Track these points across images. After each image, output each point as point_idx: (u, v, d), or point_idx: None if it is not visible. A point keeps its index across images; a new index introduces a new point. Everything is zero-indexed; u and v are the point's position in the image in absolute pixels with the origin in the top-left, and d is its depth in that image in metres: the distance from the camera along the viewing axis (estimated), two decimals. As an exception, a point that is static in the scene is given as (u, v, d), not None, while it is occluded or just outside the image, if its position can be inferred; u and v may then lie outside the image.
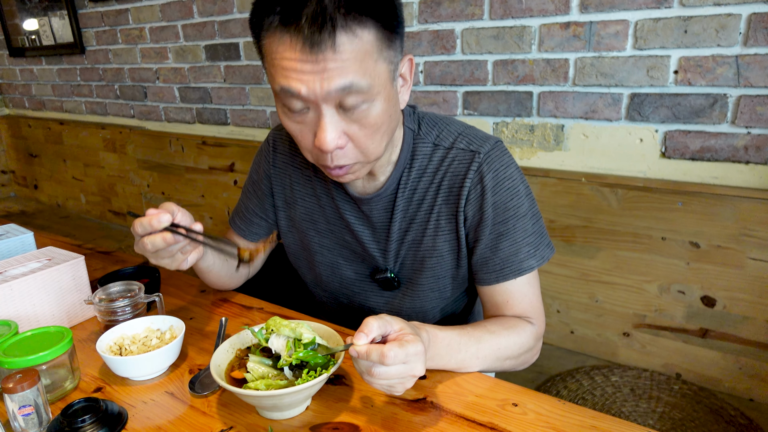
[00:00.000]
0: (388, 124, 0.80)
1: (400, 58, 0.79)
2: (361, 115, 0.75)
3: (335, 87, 0.70)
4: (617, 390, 1.70)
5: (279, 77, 0.73)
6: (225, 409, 0.78)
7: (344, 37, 0.68)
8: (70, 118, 3.74)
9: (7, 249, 1.24)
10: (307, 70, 0.70)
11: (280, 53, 0.71)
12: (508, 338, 0.86)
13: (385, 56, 0.73)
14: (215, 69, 2.74)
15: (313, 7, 0.67)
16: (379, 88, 0.74)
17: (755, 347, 1.61)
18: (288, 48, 0.70)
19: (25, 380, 0.71)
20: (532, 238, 0.90)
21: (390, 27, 0.73)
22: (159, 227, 0.79)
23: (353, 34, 0.69)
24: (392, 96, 0.78)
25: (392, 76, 0.77)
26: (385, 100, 0.76)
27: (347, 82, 0.70)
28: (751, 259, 1.55)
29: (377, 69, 0.73)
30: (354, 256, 1.02)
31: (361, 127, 0.76)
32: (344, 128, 0.76)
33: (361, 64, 0.70)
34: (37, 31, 3.57)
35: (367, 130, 0.77)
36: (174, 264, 0.86)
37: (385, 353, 0.64)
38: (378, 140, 0.79)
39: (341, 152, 0.78)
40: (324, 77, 0.70)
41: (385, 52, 0.73)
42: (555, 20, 1.72)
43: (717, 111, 1.55)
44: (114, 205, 3.64)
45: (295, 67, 0.70)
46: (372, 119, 0.76)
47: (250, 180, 1.13)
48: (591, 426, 0.71)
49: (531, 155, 1.91)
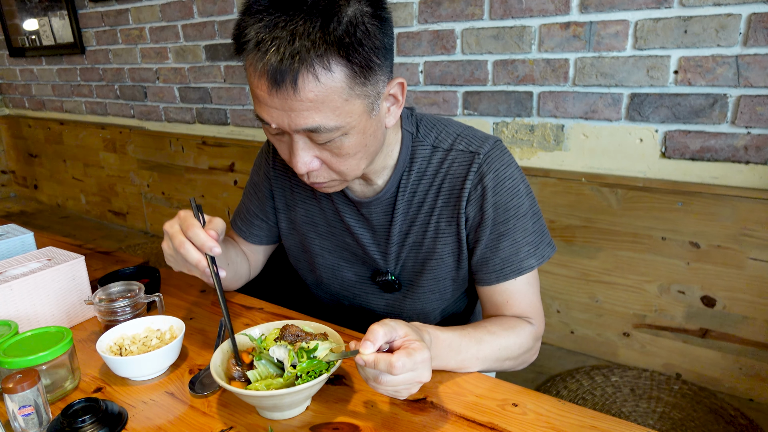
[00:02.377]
0: (365, 151, 0.79)
1: (385, 85, 0.76)
2: (333, 145, 0.75)
3: (302, 127, 0.71)
4: (617, 390, 1.70)
5: (255, 104, 0.74)
6: (225, 409, 0.78)
7: (306, 79, 0.67)
8: (70, 118, 3.74)
9: (7, 249, 1.24)
10: (276, 105, 0.70)
11: (253, 80, 0.71)
12: (508, 339, 0.86)
13: (358, 93, 0.71)
14: (215, 69, 2.74)
15: (280, 40, 0.66)
16: (352, 124, 0.73)
17: (755, 347, 1.61)
18: (258, 78, 0.70)
19: (25, 380, 0.71)
20: (533, 237, 0.90)
21: (365, 64, 0.69)
22: (207, 252, 0.78)
23: (316, 78, 0.67)
24: (369, 126, 0.76)
25: (370, 108, 0.75)
26: (359, 133, 0.75)
27: (314, 125, 0.70)
28: (751, 259, 1.55)
29: (348, 107, 0.71)
30: (355, 259, 1.02)
31: (333, 154, 0.77)
32: (317, 153, 0.77)
33: (328, 106, 0.69)
34: (37, 31, 3.57)
35: (340, 158, 0.77)
36: (174, 265, 0.86)
37: (394, 363, 0.64)
38: (353, 164, 0.79)
39: (316, 172, 0.80)
40: (291, 116, 0.70)
41: (358, 89, 0.71)
42: (555, 20, 1.72)
43: (717, 111, 1.55)
44: (114, 205, 3.64)
45: (265, 101, 0.71)
46: (345, 149, 0.76)
47: (251, 182, 1.13)
48: (591, 426, 0.71)
49: (531, 155, 1.91)
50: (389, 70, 0.77)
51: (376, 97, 0.75)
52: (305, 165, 0.76)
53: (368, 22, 0.69)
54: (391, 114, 0.82)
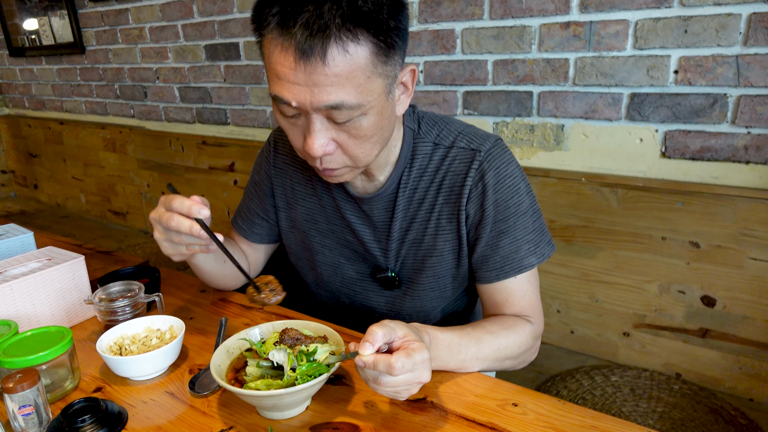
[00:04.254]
0: (380, 135, 0.79)
1: (400, 69, 0.77)
2: (351, 126, 0.75)
3: (324, 104, 0.70)
4: (617, 390, 1.70)
5: (273, 84, 0.73)
6: (225, 409, 0.78)
7: (335, 52, 0.67)
8: (70, 118, 3.74)
9: (7, 249, 1.24)
10: (299, 81, 0.69)
11: (275, 57, 0.71)
12: (508, 338, 0.86)
13: (380, 72, 0.72)
14: (215, 69, 2.74)
15: (309, 14, 0.66)
16: (372, 103, 0.73)
17: (755, 347, 1.61)
18: (281, 54, 0.69)
19: (25, 380, 0.71)
20: (533, 235, 0.91)
21: (388, 42, 0.70)
22: (195, 215, 0.78)
23: (345, 50, 0.67)
24: (386, 109, 0.77)
25: (388, 90, 0.76)
26: (377, 113, 0.75)
27: (337, 100, 0.70)
28: (751, 259, 1.55)
29: (370, 85, 0.72)
30: (355, 256, 1.02)
31: (350, 136, 0.76)
32: (333, 135, 0.76)
33: (353, 82, 0.70)
34: (37, 30, 3.57)
35: (357, 140, 0.77)
36: (170, 250, 0.85)
37: (393, 364, 0.64)
38: (368, 149, 0.79)
39: (329, 157, 0.79)
40: (314, 92, 0.69)
41: (380, 67, 0.72)
42: (555, 20, 1.72)
43: (717, 111, 1.55)
44: (114, 205, 3.64)
45: (288, 77, 0.70)
46: (363, 131, 0.76)
47: (251, 180, 1.14)
48: (591, 426, 0.71)
49: (531, 155, 1.91)
50: (404, 55, 0.77)
51: (393, 79, 0.76)
52: (321, 147, 0.75)
53: (390, 3, 0.70)
54: (401, 102, 0.82)
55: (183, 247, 0.84)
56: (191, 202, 0.79)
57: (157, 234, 0.84)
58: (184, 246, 0.84)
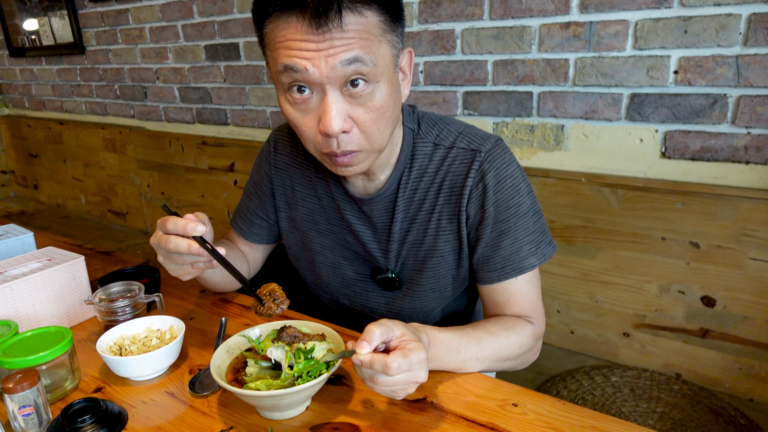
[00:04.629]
0: (393, 110, 0.80)
1: (401, 48, 0.80)
2: (366, 98, 0.75)
3: (340, 60, 0.71)
4: (617, 390, 1.70)
5: (282, 57, 0.73)
6: (225, 409, 0.78)
7: (350, 16, 0.70)
8: (70, 118, 3.74)
9: (7, 249, 1.24)
10: (312, 48, 0.70)
11: (284, 35, 0.71)
12: (508, 339, 0.86)
13: (388, 39, 0.75)
14: (215, 69, 2.74)
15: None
16: (382, 70, 0.75)
17: (755, 347, 1.61)
18: (293, 30, 0.71)
19: (25, 380, 0.71)
20: (534, 236, 0.91)
21: (393, 13, 0.75)
22: (191, 234, 0.78)
23: (359, 13, 0.70)
24: (395, 82, 0.79)
25: (395, 62, 0.78)
26: (388, 84, 0.77)
27: (353, 55, 0.71)
28: (751, 259, 1.55)
29: (381, 50, 0.74)
30: (355, 257, 1.02)
31: (366, 110, 0.76)
32: (349, 111, 0.76)
33: (366, 42, 0.72)
34: (37, 31, 3.57)
35: (372, 114, 0.77)
36: (178, 272, 0.85)
37: (389, 364, 0.64)
38: (383, 126, 0.79)
39: (346, 137, 0.77)
40: (329, 53, 0.70)
41: (388, 35, 0.75)
42: (555, 20, 1.72)
43: (717, 111, 1.55)
44: (114, 205, 3.64)
45: (300, 46, 0.71)
46: (377, 102, 0.76)
47: (251, 181, 1.13)
48: (591, 426, 0.71)
49: (531, 155, 1.91)
50: (403, 35, 0.80)
51: (399, 52, 0.79)
52: (338, 123, 0.74)
53: None
54: (402, 87, 0.84)
55: (188, 266, 0.84)
56: (185, 221, 0.78)
57: (160, 258, 0.84)
58: (188, 265, 0.83)
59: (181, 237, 0.79)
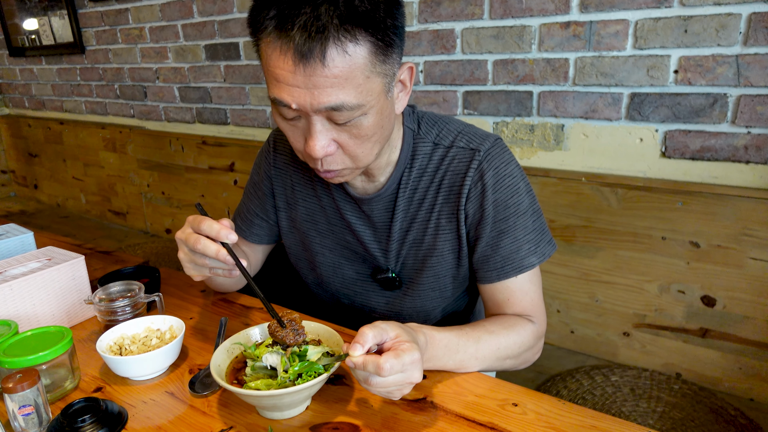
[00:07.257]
0: (380, 134, 0.79)
1: (398, 67, 0.77)
2: (352, 126, 0.75)
3: (324, 106, 0.70)
4: (617, 390, 1.70)
5: (272, 87, 0.73)
6: (225, 409, 0.78)
7: (334, 53, 0.67)
8: (70, 118, 3.74)
9: (7, 249, 1.24)
10: (298, 83, 0.69)
11: (273, 61, 0.70)
12: (508, 338, 0.86)
13: (379, 71, 0.72)
14: (215, 69, 2.74)
15: (306, 16, 0.66)
16: (372, 103, 0.73)
17: (755, 347, 1.61)
18: (280, 57, 0.69)
19: (25, 380, 0.71)
20: (533, 235, 0.91)
21: (386, 41, 0.71)
22: (222, 239, 0.77)
23: (344, 51, 0.67)
24: (386, 108, 0.77)
25: (387, 89, 0.76)
26: (377, 113, 0.75)
27: (337, 102, 0.70)
28: (751, 259, 1.55)
29: (369, 85, 0.72)
30: (355, 257, 1.02)
31: (351, 136, 0.76)
32: (334, 136, 0.76)
33: (352, 83, 0.69)
34: (37, 30, 3.56)
35: (358, 140, 0.77)
36: (193, 271, 0.84)
37: (381, 365, 0.64)
38: (368, 148, 0.79)
39: (330, 158, 0.78)
40: (314, 93, 0.69)
41: (379, 66, 0.72)
42: (555, 20, 1.72)
43: (717, 111, 1.55)
44: (114, 205, 3.64)
45: (287, 80, 0.70)
46: (363, 130, 0.76)
47: (251, 181, 1.13)
48: (591, 426, 0.71)
49: (531, 155, 1.91)
50: (402, 53, 0.77)
51: (392, 78, 0.76)
52: (323, 148, 0.75)
53: (386, 1, 0.70)
54: (400, 100, 0.82)
55: (206, 270, 0.83)
56: (220, 226, 0.77)
57: (181, 254, 0.83)
58: (207, 269, 0.83)
59: (211, 240, 0.78)
